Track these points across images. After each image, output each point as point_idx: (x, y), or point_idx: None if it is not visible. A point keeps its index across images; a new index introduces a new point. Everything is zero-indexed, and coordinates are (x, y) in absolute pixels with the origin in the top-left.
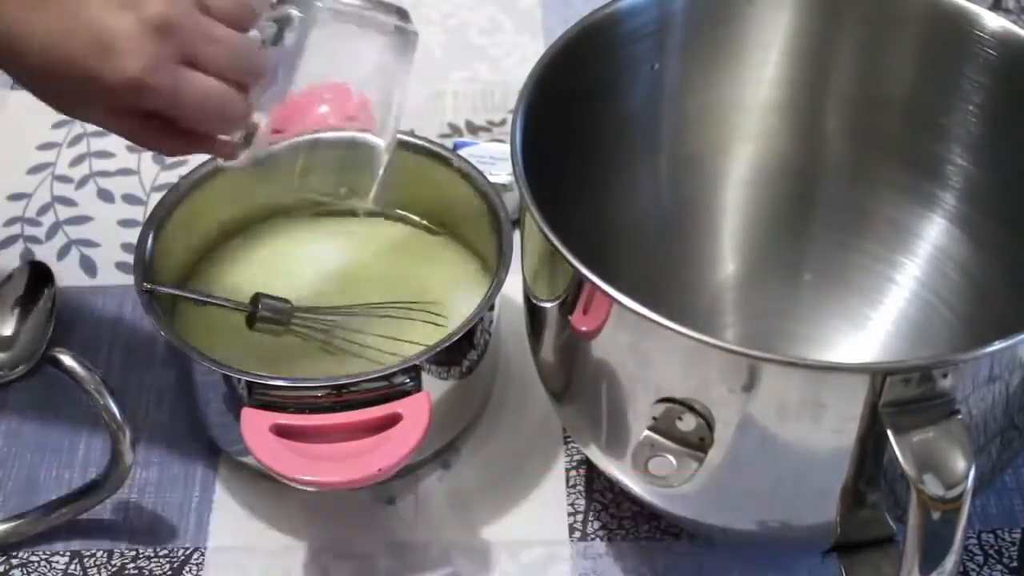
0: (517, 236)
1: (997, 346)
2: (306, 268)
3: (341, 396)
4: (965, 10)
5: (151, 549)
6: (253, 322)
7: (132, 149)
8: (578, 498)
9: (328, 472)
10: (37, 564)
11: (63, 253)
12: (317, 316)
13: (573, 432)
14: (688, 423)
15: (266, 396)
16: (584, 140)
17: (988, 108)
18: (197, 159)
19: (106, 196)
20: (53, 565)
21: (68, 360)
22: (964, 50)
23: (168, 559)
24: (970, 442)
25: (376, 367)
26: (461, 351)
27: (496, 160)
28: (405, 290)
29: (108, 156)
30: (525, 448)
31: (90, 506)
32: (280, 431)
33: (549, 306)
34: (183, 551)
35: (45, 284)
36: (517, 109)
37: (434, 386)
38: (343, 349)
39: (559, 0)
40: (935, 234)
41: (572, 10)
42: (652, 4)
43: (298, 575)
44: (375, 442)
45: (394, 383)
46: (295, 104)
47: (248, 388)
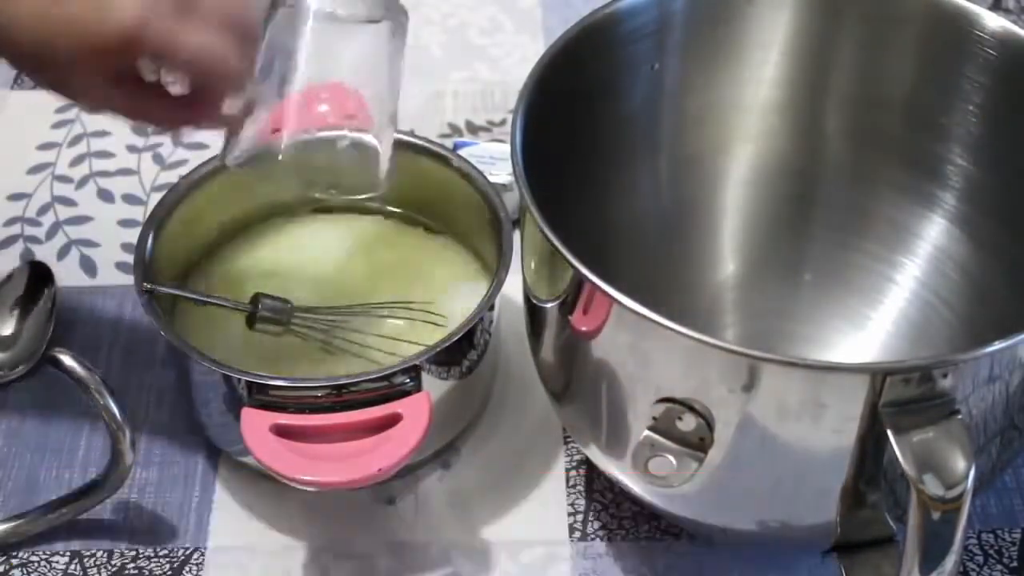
0: (517, 236)
1: (997, 346)
2: (306, 268)
3: (341, 396)
4: (965, 10)
5: (151, 549)
6: (253, 322)
7: (132, 149)
8: (578, 498)
9: (328, 472)
10: (37, 564)
11: (63, 253)
12: (317, 316)
13: (573, 432)
14: (688, 423)
15: (266, 396)
16: (584, 140)
17: (988, 108)
18: (197, 159)
19: (106, 196)
20: (53, 565)
21: (68, 360)
22: (964, 50)
23: (168, 559)
24: (970, 442)
25: (376, 367)
26: (461, 351)
27: (496, 160)
28: (405, 290)
29: (108, 156)
30: (525, 448)
31: (90, 506)
32: (280, 431)
33: (549, 306)
34: (183, 551)
35: (45, 284)
36: (517, 109)
37: (434, 386)
38: (343, 349)
39: (559, 0)
40: (935, 234)
41: (572, 10)
42: (652, 4)
43: (298, 575)
44: (375, 442)
45: (394, 383)
46: (293, 103)
47: (248, 388)
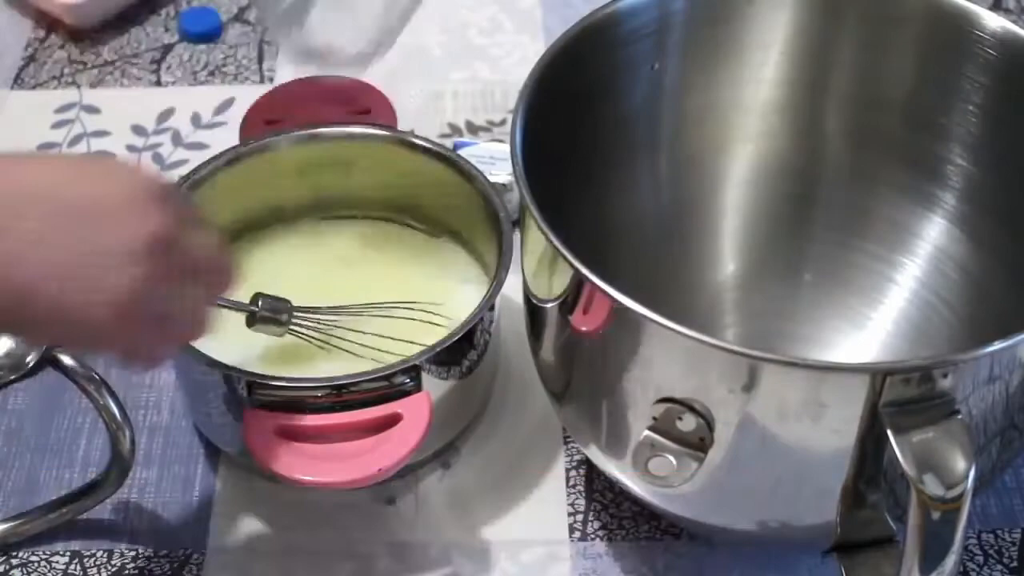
0: (517, 236)
1: (997, 346)
2: (306, 269)
3: (341, 396)
4: (965, 10)
5: (151, 549)
6: (253, 321)
7: (132, 149)
8: (578, 498)
9: (328, 472)
10: (37, 564)
11: None
12: (317, 316)
13: (573, 432)
14: (688, 423)
15: (266, 396)
16: (584, 140)
17: (988, 108)
18: (197, 159)
19: None
20: (53, 565)
21: (68, 360)
22: (964, 50)
23: (168, 559)
24: (970, 442)
25: (376, 367)
26: (461, 351)
27: (496, 160)
28: (405, 290)
29: (108, 156)
30: (525, 448)
31: (90, 506)
32: (280, 431)
33: (549, 306)
34: (183, 551)
35: None
36: (517, 109)
37: (434, 386)
38: (343, 349)
39: (559, 0)
40: (935, 234)
41: (572, 10)
42: (652, 4)
43: (298, 575)
44: (375, 442)
45: (394, 383)
46: (293, 93)
47: (248, 388)
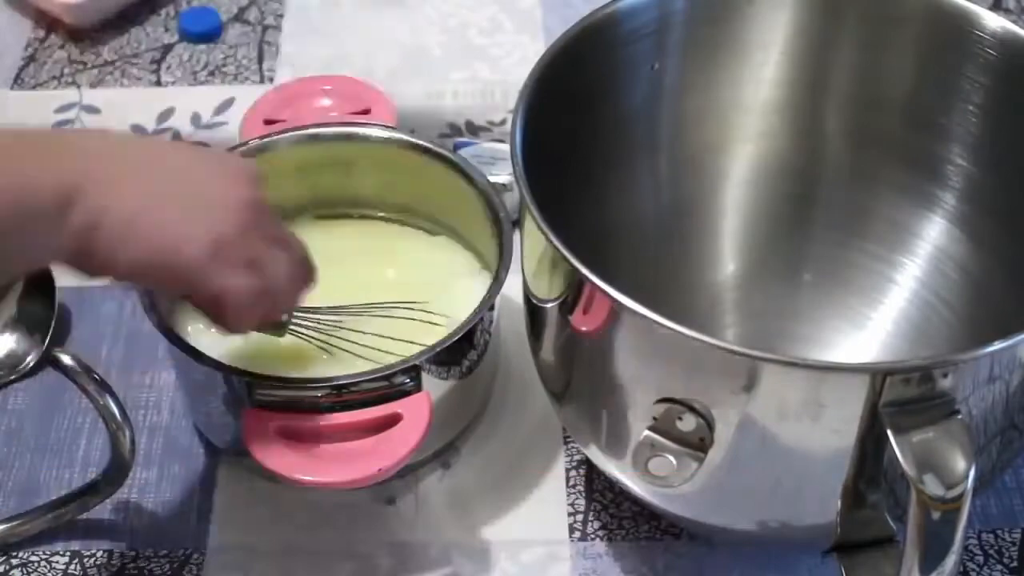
0: (517, 236)
1: (997, 346)
2: None
3: (341, 396)
4: (965, 10)
5: (151, 549)
6: None
7: None
8: (578, 498)
9: (328, 472)
10: (37, 564)
11: None
12: (317, 316)
13: (573, 432)
14: (688, 423)
15: (266, 396)
16: (584, 140)
17: (988, 108)
18: None
19: None
20: (53, 565)
21: (68, 360)
22: (964, 50)
23: (168, 559)
24: (970, 442)
25: (375, 367)
26: (461, 351)
27: (496, 160)
28: (404, 291)
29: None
30: (525, 448)
31: (90, 506)
32: (280, 431)
33: (549, 306)
34: (183, 551)
35: (45, 284)
36: (517, 109)
37: (434, 386)
38: (343, 349)
39: (559, 0)
40: (935, 234)
41: (572, 10)
42: (652, 4)
43: (298, 575)
44: (375, 442)
45: (394, 383)
46: (293, 93)
47: (248, 388)
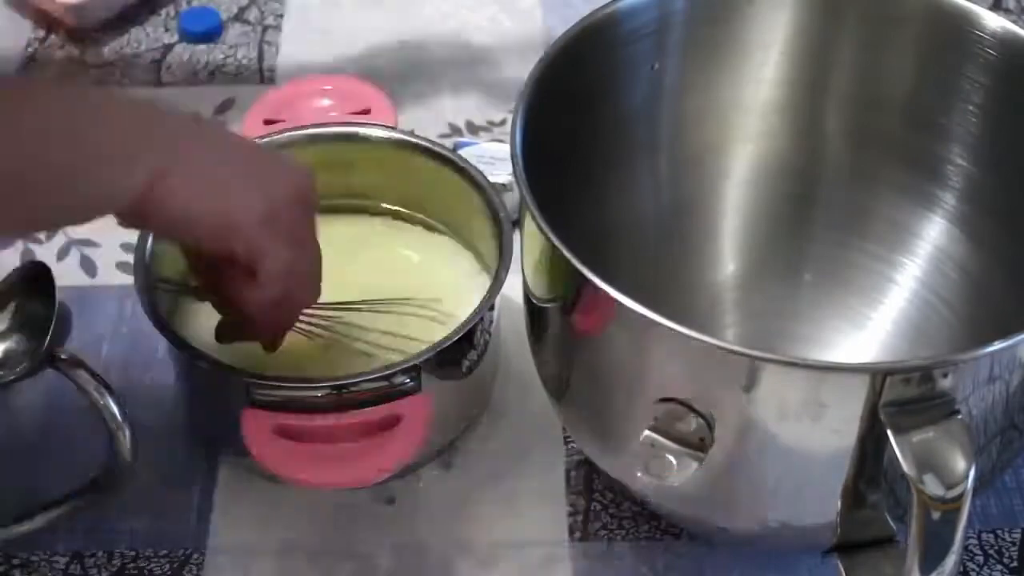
0: (517, 236)
1: (997, 346)
2: None
3: (341, 396)
4: (965, 10)
5: (151, 549)
6: None
7: None
8: (578, 498)
9: (328, 472)
10: (37, 564)
11: (63, 253)
12: (319, 312)
13: (573, 432)
14: (688, 423)
15: (266, 396)
16: (584, 140)
17: (988, 108)
18: None
19: None
20: (53, 565)
21: (68, 360)
22: (964, 50)
23: (168, 559)
24: (970, 442)
25: (378, 362)
26: (461, 351)
27: (496, 160)
28: (405, 290)
29: None
30: (525, 448)
31: (90, 506)
32: (280, 431)
33: (549, 306)
34: (183, 551)
35: (45, 284)
36: (517, 109)
37: (434, 386)
38: (345, 345)
39: (559, 0)
40: (935, 234)
41: (572, 10)
42: (652, 4)
43: (298, 575)
44: (375, 442)
45: (394, 383)
46: (293, 93)
47: (248, 388)
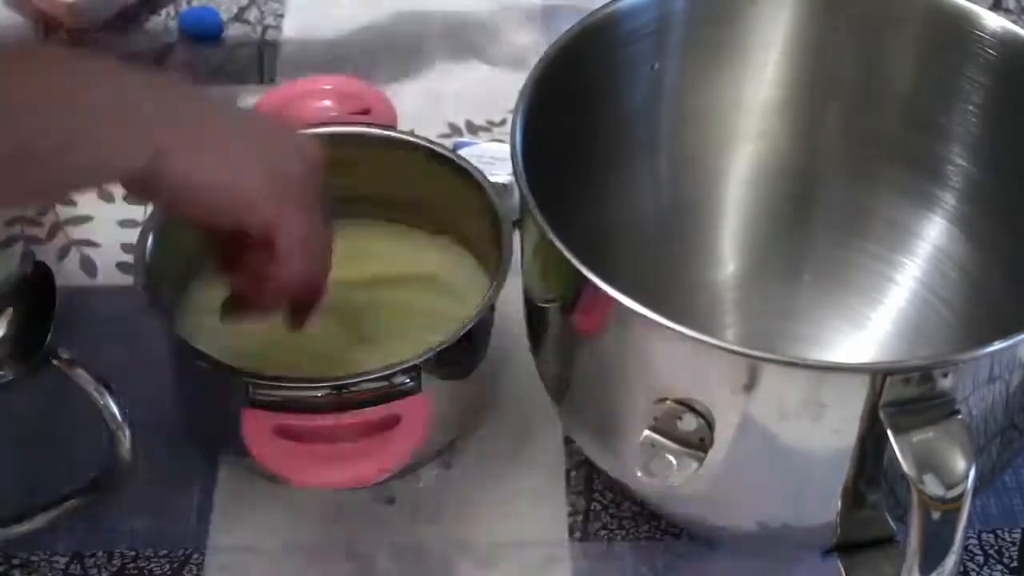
0: (517, 236)
1: (997, 346)
2: None
3: (341, 396)
4: (965, 10)
5: (151, 549)
6: None
7: None
8: (578, 498)
9: (328, 472)
10: (37, 564)
11: (63, 253)
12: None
13: (573, 432)
14: (688, 423)
15: (266, 396)
16: (584, 140)
17: (988, 108)
18: None
19: (106, 196)
20: (53, 565)
21: (68, 360)
22: (964, 50)
23: (168, 559)
24: (970, 442)
25: (381, 363)
26: (461, 351)
27: (496, 160)
28: (405, 290)
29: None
30: (525, 448)
31: (90, 506)
32: (280, 431)
33: (549, 306)
34: (183, 551)
35: (45, 284)
36: (517, 109)
37: (434, 386)
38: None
39: (559, 0)
40: (935, 234)
41: (572, 10)
42: (652, 4)
43: (298, 575)
44: (375, 442)
45: (394, 383)
46: (293, 93)
47: (248, 388)
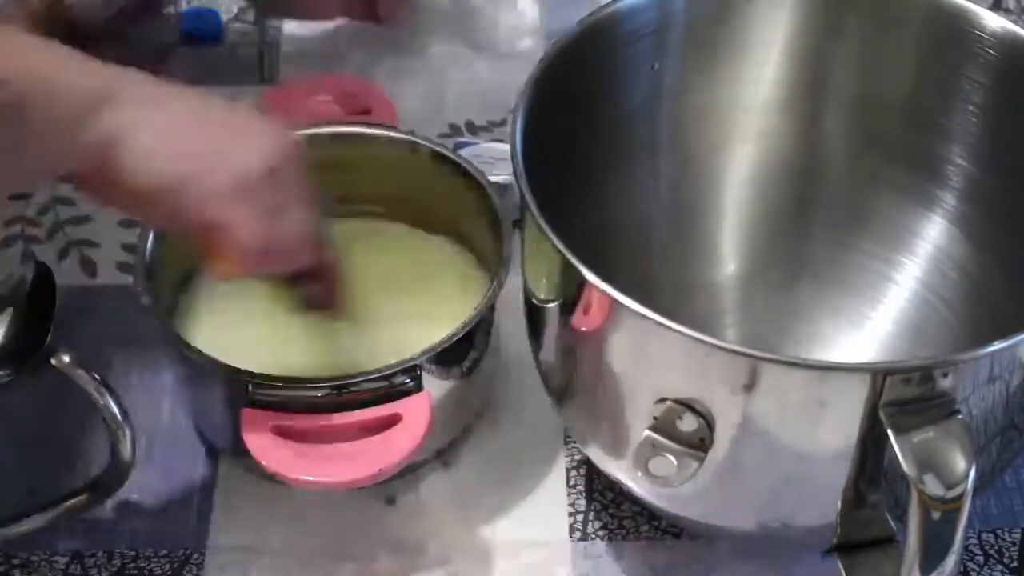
0: (517, 236)
1: (997, 346)
2: None
3: (341, 396)
4: (965, 10)
5: (151, 549)
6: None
7: None
8: (578, 498)
9: (328, 472)
10: (37, 564)
11: (63, 253)
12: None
13: (573, 432)
14: (688, 423)
15: (266, 396)
16: (584, 140)
17: (988, 108)
18: None
19: None
20: (53, 565)
21: (68, 360)
22: (964, 50)
23: (168, 559)
24: (970, 442)
25: (378, 363)
26: (461, 351)
27: (496, 160)
28: (405, 291)
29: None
30: (525, 448)
31: (90, 506)
32: (280, 431)
33: (549, 306)
34: (183, 551)
35: (45, 284)
36: (517, 109)
37: (434, 386)
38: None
39: (559, 0)
40: (935, 234)
41: (572, 10)
42: (652, 4)
43: (298, 575)
44: (375, 442)
45: (394, 383)
46: (292, 95)
47: (248, 388)
